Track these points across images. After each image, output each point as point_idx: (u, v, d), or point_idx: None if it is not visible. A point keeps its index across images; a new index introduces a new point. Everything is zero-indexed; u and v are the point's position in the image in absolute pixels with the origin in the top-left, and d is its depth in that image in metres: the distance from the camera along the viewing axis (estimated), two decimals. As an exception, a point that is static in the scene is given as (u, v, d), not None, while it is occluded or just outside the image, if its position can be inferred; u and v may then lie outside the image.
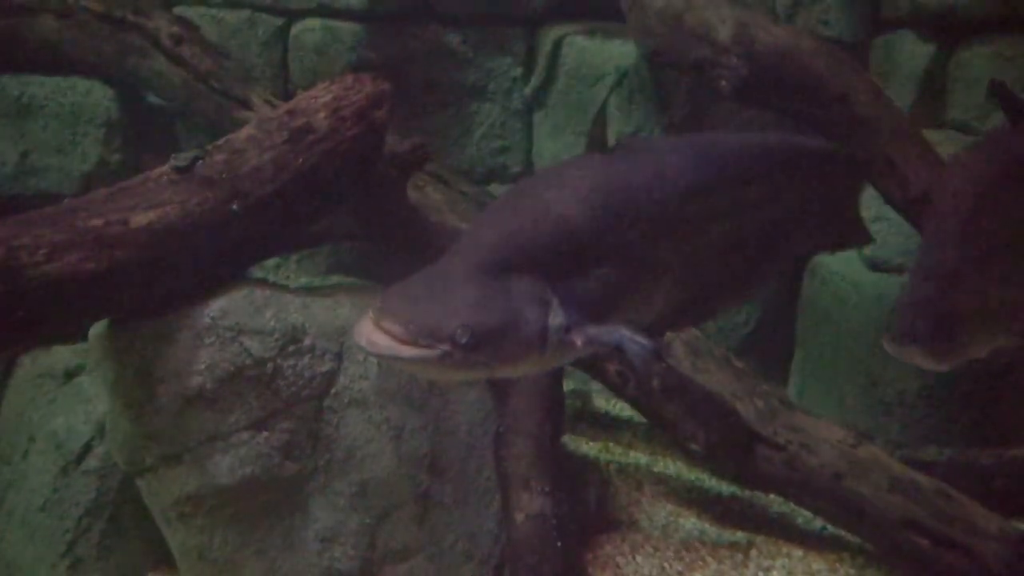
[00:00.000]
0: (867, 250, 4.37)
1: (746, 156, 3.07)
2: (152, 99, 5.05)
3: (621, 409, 4.87)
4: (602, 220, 2.65)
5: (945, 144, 4.11)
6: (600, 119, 4.03)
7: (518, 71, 5.29)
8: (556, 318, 2.51)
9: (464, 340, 2.39)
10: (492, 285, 2.51)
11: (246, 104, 4.61)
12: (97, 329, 3.56)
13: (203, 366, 3.45)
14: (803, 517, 4.23)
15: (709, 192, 2.88)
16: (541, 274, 2.54)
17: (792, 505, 4.15)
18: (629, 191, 2.72)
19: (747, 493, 4.38)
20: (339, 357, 3.61)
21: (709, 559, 3.97)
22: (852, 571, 3.94)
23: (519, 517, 3.67)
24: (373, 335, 2.42)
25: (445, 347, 2.39)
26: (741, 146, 3.14)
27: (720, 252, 2.93)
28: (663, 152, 2.97)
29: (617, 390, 4.16)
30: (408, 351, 2.40)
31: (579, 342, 2.53)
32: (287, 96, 4.61)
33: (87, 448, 3.93)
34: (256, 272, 3.94)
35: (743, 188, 2.99)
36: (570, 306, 2.53)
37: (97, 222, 3.29)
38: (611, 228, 2.66)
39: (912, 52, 4.56)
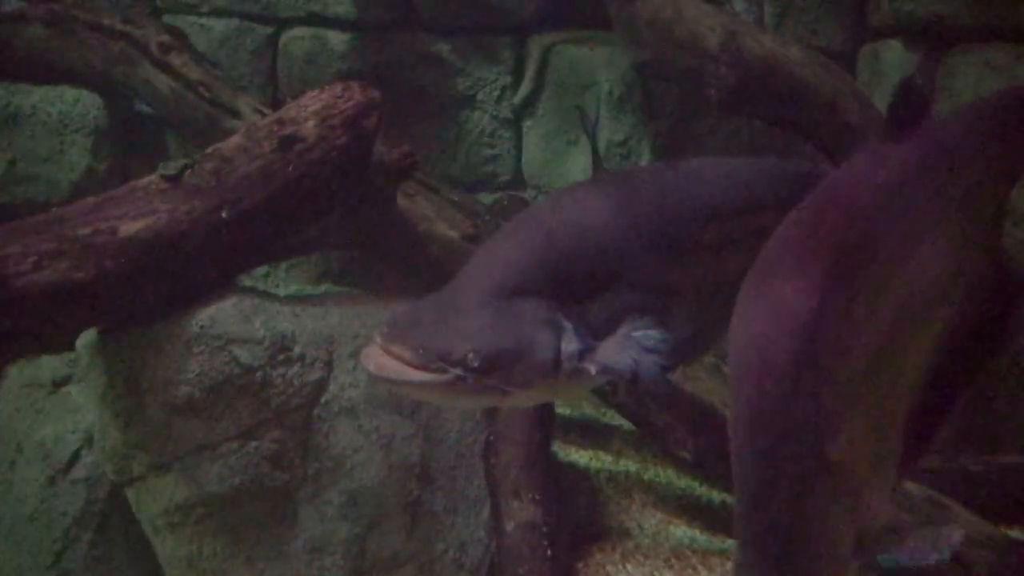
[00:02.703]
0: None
1: (764, 183, 3.00)
2: (141, 108, 5.04)
3: (611, 417, 4.87)
4: (615, 244, 2.61)
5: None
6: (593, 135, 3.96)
7: (507, 80, 5.30)
8: (570, 344, 2.45)
9: (476, 364, 2.33)
10: (504, 309, 2.45)
11: (235, 113, 4.60)
12: (85, 338, 3.55)
13: (192, 375, 3.44)
14: (793, 524, 4.23)
15: (725, 219, 2.80)
16: (553, 299, 2.48)
17: (782, 512, 4.14)
18: (642, 215, 2.68)
19: (737, 501, 4.37)
20: (329, 366, 3.60)
21: (699, 567, 3.97)
22: (842, 578, 3.95)
23: (509, 526, 3.66)
24: (381, 359, 2.36)
25: (457, 371, 2.33)
26: (758, 173, 3.09)
27: (737, 281, 2.86)
28: (676, 176, 2.92)
29: (607, 398, 4.16)
30: (418, 375, 2.34)
31: (593, 370, 2.47)
32: (276, 105, 4.60)
33: (75, 458, 3.92)
34: (245, 281, 3.94)
35: (761, 216, 2.91)
36: (584, 332, 2.48)
37: (85, 231, 3.28)
38: (624, 252, 2.61)
39: (899, 61, 4.58)
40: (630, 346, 2.47)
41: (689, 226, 2.71)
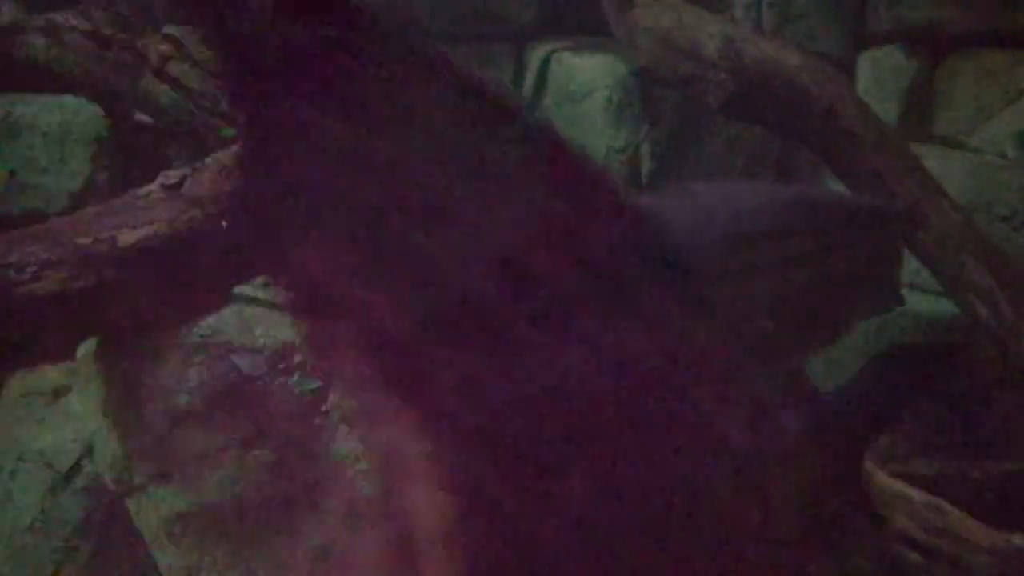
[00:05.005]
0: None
1: (792, 209, 2.96)
2: (141, 117, 5.04)
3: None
4: None
5: (931, 158, 4.13)
6: (634, 157, 3.90)
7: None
8: None
9: None
10: None
11: (235, 122, 4.60)
12: (85, 348, 3.55)
13: (192, 384, 3.44)
14: (794, 531, 4.22)
15: (750, 244, 2.76)
16: None
17: (783, 519, 4.13)
18: (666, 238, 2.63)
19: (738, 507, 4.36)
20: (329, 374, 3.60)
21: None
22: (844, 585, 3.93)
23: (510, 533, 3.65)
24: None
25: None
26: (787, 198, 3.04)
27: (763, 309, 2.81)
28: (703, 199, 2.88)
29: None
30: None
31: None
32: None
33: (75, 467, 3.91)
34: (246, 289, 3.93)
35: (790, 243, 2.86)
36: None
37: (85, 240, 3.28)
38: None
39: (897, 66, 4.59)
40: None
41: (715, 251, 2.67)
